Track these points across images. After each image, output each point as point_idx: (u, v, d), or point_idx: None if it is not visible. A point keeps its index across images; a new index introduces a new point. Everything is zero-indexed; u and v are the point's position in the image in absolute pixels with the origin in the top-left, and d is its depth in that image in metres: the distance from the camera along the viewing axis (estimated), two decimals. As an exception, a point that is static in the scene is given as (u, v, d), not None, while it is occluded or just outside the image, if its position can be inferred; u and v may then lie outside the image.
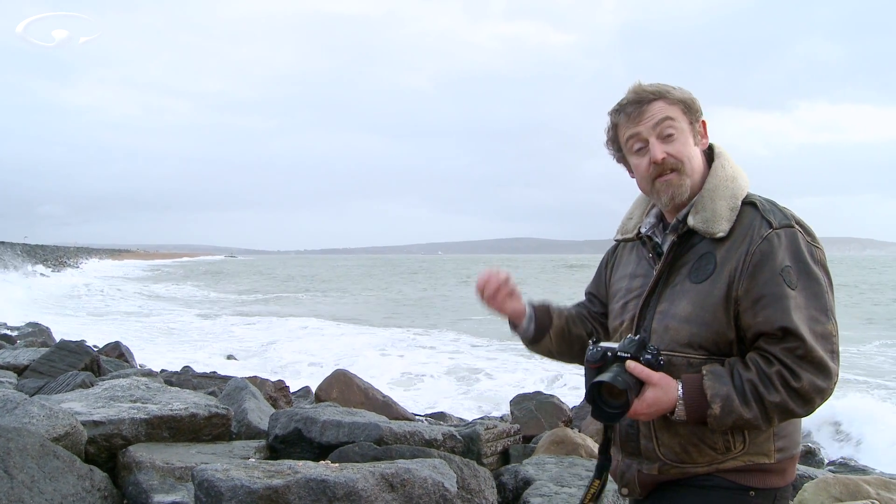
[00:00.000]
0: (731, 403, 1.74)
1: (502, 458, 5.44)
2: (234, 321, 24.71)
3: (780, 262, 1.78)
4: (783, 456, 1.87)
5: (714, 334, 1.83)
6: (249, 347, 17.81)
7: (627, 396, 1.72)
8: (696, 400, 1.76)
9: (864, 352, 16.93)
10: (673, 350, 1.86)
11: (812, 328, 1.74)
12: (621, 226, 2.16)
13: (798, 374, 1.72)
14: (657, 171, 1.91)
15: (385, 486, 3.39)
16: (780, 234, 1.81)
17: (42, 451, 3.52)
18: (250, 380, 7.55)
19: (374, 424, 4.65)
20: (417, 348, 17.77)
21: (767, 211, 1.86)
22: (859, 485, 4.31)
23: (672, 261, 1.94)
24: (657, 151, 1.90)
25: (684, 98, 1.93)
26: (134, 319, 25.13)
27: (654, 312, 1.94)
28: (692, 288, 1.87)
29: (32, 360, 8.04)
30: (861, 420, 9.01)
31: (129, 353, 11.75)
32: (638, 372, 1.76)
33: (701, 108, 1.96)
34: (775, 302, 1.75)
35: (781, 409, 1.74)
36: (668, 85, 1.95)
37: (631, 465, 1.97)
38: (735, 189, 1.91)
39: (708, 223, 1.87)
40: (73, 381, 6.29)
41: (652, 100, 1.92)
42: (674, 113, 1.91)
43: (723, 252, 1.85)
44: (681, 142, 1.91)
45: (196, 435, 4.64)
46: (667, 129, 1.90)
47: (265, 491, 3.15)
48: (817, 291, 1.78)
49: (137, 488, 3.77)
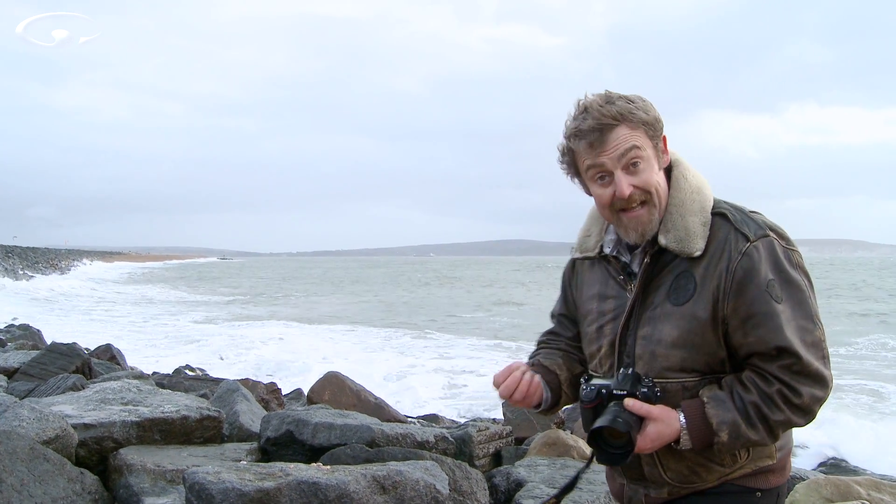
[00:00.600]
0: (738, 429, 1.72)
1: (494, 459, 5.43)
2: (227, 323, 24.66)
3: (764, 277, 1.74)
4: (783, 453, 1.90)
5: (705, 356, 1.80)
6: (241, 349, 17.75)
7: (630, 437, 1.70)
8: (700, 429, 1.74)
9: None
10: (665, 377, 1.82)
11: (803, 339, 1.73)
12: (579, 243, 2.06)
13: (798, 390, 1.72)
14: (623, 205, 1.81)
15: (377, 489, 3.39)
16: (757, 246, 1.76)
17: (32, 454, 3.50)
18: (242, 382, 7.53)
19: (366, 426, 4.65)
20: (409, 349, 17.78)
21: (740, 222, 1.79)
22: (850, 485, 4.33)
23: (646, 282, 1.86)
24: (623, 186, 1.78)
25: (647, 120, 1.80)
26: (125, 322, 25.05)
27: (635, 337, 1.87)
28: (674, 311, 1.80)
29: (23, 363, 8.00)
30: (851, 422, 9.08)
31: (120, 355, 11.69)
32: (637, 409, 1.72)
33: (662, 124, 1.84)
34: (767, 321, 1.73)
35: (786, 425, 1.76)
36: (630, 101, 1.80)
37: (638, 490, 1.95)
38: (703, 201, 1.84)
39: (682, 243, 1.79)
40: (64, 383, 6.26)
41: (614, 126, 1.77)
42: (638, 139, 1.78)
43: (701, 270, 1.78)
44: (646, 170, 1.80)
45: (187, 437, 4.62)
46: (633, 160, 1.78)
47: (256, 493, 3.14)
48: (801, 299, 1.76)
49: (128, 491, 3.75)
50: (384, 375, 13.68)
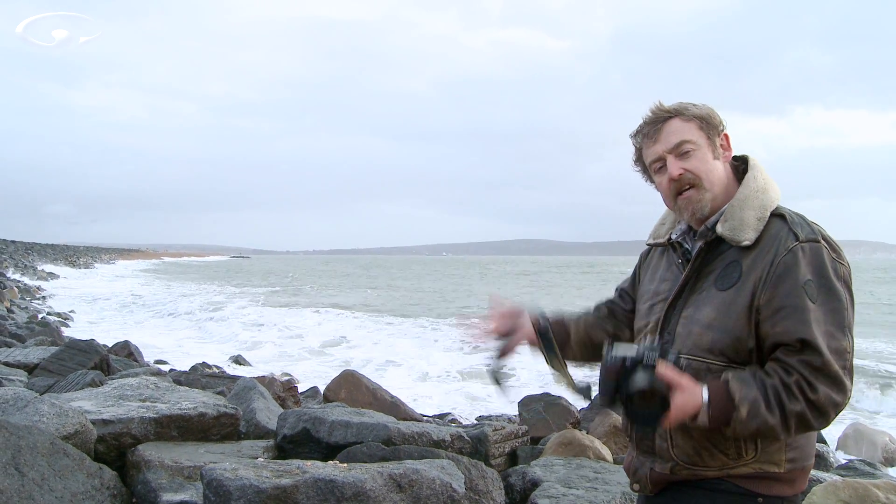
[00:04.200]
0: (758, 407, 1.76)
1: (510, 459, 5.43)
2: (245, 320, 24.74)
3: (803, 275, 1.80)
4: (793, 466, 1.89)
5: (735, 341, 1.85)
6: (259, 347, 17.85)
7: (665, 400, 1.74)
8: (722, 403, 1.78)
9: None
10: (694, 354, 1.90)
11: (828, 343, 1.76)
12: (654, 231, 2.21)
13: (815, 385, 1.75)
14: (676, 187, 1.97)
15: (393, 487, 3.40)
16: (805, 247, 1.83)
17: (52, 449, 3.54)
18: (259, 379, 7.56)
19: (383, 425, 4.66)
20: (425, 348, 17.78)
21: (795, 224, 1.88)
22: (869, 489, 4.28)
23: (700, 267, 1.98)
24: (674, 168, 1.96)
25: (701, 114, 1.97)
26: (146, 317, 25.23)
27: (679, 317, 1.98)
28: (717, 295, 1.90)
29: (42, 359, 8.09)
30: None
31: (138, 351, 11.79)
32: (669, 376, 1.77)
33: (722, 122, 2.00)
34: (795, 313, 1.78)
35: (800, 418, 1.77)
36: (688, 102, 2.00)
37: (644, 463, 2.02)
38: (765, 200, 1.94)
39: (735, 231, 1.90)
40: (83, 379, 6.32)
41: (668, 118, 1.97)
42: (690, 131, 1.96)
43: (749, 261, 1.88)
44: (698, 158, 1.96)
45: (205, 434, 4.65)
46: (684, 147, 1.95)
47: (274, 490, 3.16)
48: (836, 307, 1.80)
49: (146, 487, 3.78)
50: (401, 374, 13.71)
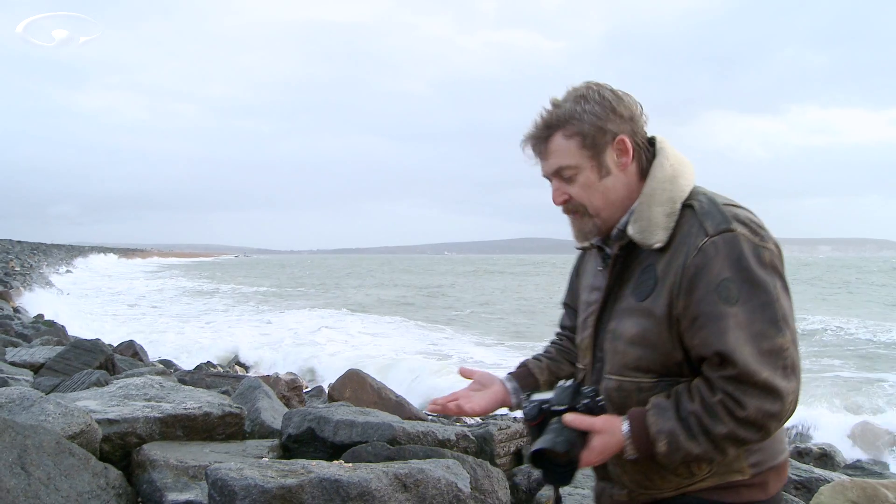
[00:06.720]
0: (676, 439, 1.63)
1: (516, 458, 5.42)
2: (249, 319, 24.78)
3: (716, 276, 1.62)
4: (759, 470, 1.74)
5: (661, 356, 1.71)
6: (262, 346, 17.86)
7: (570, 456, 1.65)
8: (643, 437, 1.66)
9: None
10: (622, 374, 1.77)
11: (758, 346, 1.59)
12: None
13: (742, 401, 1.59)
14: (563, 209, 1.85)
15: (398, 487, 3.39)
16: (716, 241, 1.64)
17: (58, 448, 3.54)
18: (263, 379, 7.57)
19: (388, 424, 4.65)
20: (429, 347, 17.78)
21: (705, 214, 1.69)
22: (877, 489, 4.26)
23: (619, 273, 1.81)
24: (555, 195, 1.82)
25: (583, 130, 1.74)
26: (152, 316, 25.29)
27: (605, 332, 1.83)
28: (636, 306, 1.74)
29: (48, 359, 8.10)
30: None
31: (143, 351, 11.82)
32: (578, 424, 1.67)
33: (613, 129, 1.75)
34: (710, 323, 1.62)
35: (732, 439, 1.62)
36: (577, 104, 1.76)
37: (605, 489, 1.92)
38: (673, 191, 1.74)
39: (644, 233, 1.73)
40: (88, 379, 6.32)
41: (549, 136, 1.78)
42: (570, 153, 1.76)
43: (662, 265, 1.71)
44: (579, 183, 1.78)
45: (210, 434, 4.65)
46: (564, 173, 1.78)
47: (279, 490, 3.15)
48: (765, 301, 1.61)
49: (151, 486, 3.78)
50: (406, 373, 13.69)
